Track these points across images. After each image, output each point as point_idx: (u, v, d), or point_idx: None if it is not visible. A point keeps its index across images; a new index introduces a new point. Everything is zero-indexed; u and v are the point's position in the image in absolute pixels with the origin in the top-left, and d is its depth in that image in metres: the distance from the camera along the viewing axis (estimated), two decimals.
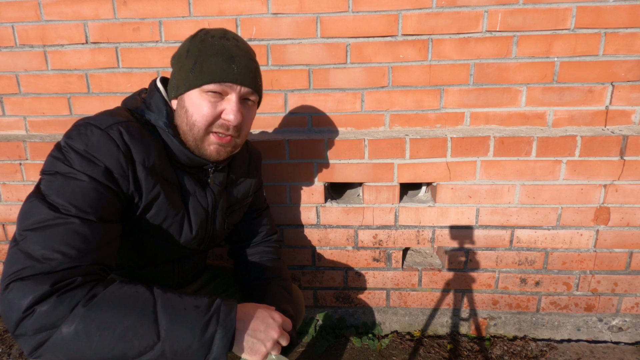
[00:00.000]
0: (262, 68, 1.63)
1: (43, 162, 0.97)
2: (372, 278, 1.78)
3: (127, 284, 0.81)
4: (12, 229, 1.85)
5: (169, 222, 1.02)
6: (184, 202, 1.04)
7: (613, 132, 1.58)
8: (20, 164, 1.74)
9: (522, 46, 1.56)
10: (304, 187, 1.68)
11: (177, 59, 1.00)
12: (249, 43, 1.63)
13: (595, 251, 1.68)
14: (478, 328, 1.81)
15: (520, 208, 1.64)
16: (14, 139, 1.73)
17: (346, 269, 1.78)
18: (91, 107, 1.74)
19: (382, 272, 1.77)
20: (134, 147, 0.91)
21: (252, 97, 1.01)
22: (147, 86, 1.07)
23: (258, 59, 1.64)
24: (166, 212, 0.99)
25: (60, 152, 0.86)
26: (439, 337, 1.81)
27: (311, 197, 1.69)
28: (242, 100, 0.99)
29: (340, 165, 1.64)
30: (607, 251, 1.68)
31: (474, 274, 1.74)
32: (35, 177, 1.73)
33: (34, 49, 1.70)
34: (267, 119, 1.70)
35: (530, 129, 1.64)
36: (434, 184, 1.66)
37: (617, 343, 1.77)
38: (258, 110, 1.40)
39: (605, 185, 1.60)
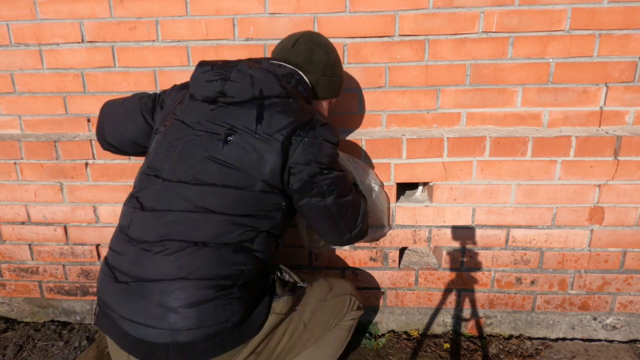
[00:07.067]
0: None
1: (38, 162, 0.96)
2: (369, 277, 1.79)
3: None
4: (5, 229, 1.83)
5: None
6: None
7: (607, 133, 1.59)
8: (15, 163, 1.73)
9: (518, 47, 1.57)
10: None
11: None
12: (246, 43, 1.63)
13: (589, 250, 1.70)
14: (475, 327, 1.82)
15: (516, 208, 1.66)
16: (9, 139, 1.72)
17: (343, 268, 1.78)
18: (87, 106, 1.73)
19: (379, 271, 1.78)
20: None
21: None
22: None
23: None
24: None
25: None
26: (436, 336, 1.81)
27: None
28: None
29: None
30: (602, 250, 1.69)
31: (471, 274, 1.75)
32: (31, 177, 1.72)
33: (29, 48, 1.69)
34: None
35: (526, 129, 1.65)
36: (431, 184, 1.67)
37: (611, 341, 1.79)
38: None
39: (599, 185, 1.62)
